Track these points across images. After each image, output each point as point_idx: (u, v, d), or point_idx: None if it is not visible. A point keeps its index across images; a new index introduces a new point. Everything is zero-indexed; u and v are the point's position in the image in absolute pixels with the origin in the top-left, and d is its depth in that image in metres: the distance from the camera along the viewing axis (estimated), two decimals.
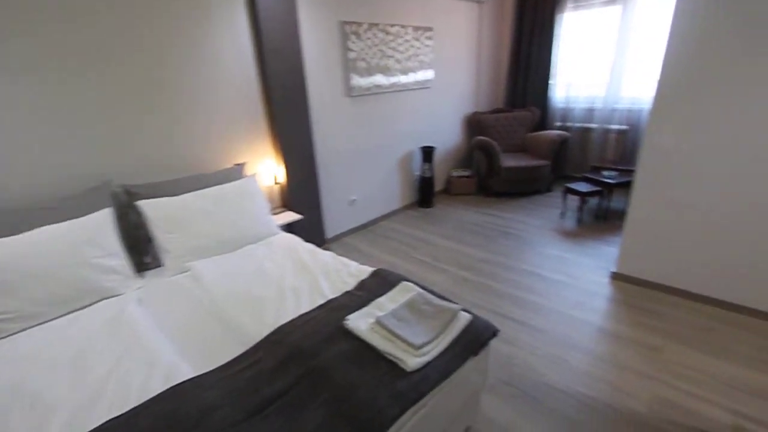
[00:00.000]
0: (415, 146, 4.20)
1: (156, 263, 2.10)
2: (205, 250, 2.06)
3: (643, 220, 2.51)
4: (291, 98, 2.85)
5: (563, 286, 2.69)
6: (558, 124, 4.86)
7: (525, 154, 4.61)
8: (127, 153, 2.21)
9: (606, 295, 2.56)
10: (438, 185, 4.71)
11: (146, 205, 2.05)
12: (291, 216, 2.94)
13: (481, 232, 3.63)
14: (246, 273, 1.89)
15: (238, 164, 2.65)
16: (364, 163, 3.70)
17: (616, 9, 4.16)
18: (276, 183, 2.96)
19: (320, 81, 3.11)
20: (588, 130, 4.64)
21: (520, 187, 4.46)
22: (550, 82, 4.74)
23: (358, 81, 3.36)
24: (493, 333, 1.43)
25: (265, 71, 2.68)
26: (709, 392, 1.77)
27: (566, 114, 4.77)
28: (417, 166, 4.31)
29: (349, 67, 3.26)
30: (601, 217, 3.74)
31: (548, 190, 4.57)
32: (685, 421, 1.64)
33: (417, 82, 3.94)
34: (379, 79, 3.54)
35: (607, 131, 4.48)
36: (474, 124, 4.79)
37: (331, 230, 3.55)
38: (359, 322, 1.38)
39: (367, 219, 3.89)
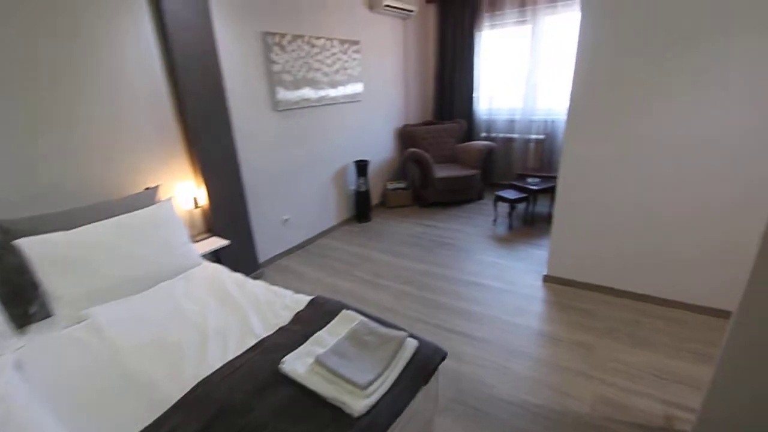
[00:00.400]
0: (349, 160, 4.11)
1: (44, 314, 1.74)
2: (107, 293, 1.74)
3: (567, 224, 2.66)
4: (210, 113, 2.60)
5: (502, 292, 2.74)
6: (483, 134, 5.10)
7: (456, 164, 4.75)
8: (7, 181, 1.82)
9: (541, 298, 2.66)
10: (374, 198, 4.66)
11: (28, 244, 1.69)
12: (216, 242, 2.66)
13: (419, 244, 3.62)
14: (159, 316, 1.62)
15: (150, 188, 2.34)
16: (297, 180, 3.51)
17: (526, 28, 4.49)
18: (197, 206, 2.66)
19: (243, 95, 2.90)
20: (510, 139, 4.93)
21: (453, 197, 4.57)
22: (473, 95, 4.97)
23: (284, 95, 3.20)
24: (442, 357, 1.36)
25: (178, 85, 2.41)
26: (640, 385, 1.87)
27: (490, 125, 5.02)
28: (352, 180, 4.22)
29: (274, 80, 3.09)
30: (529, 222, 3.95)
31: (479, 197, 4.74)
32: (623, 417, 1.71)
33: (346, 96, 3.87)
34: (307, 92, 3.41)
35: (527, 140, 4.80)
36: (406, 137, 4.84)
37: (264, 253, 3.30)
38: (297, 363, 1.23)
39: (303, 238, 3.69)
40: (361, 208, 4.21)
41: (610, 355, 2.08)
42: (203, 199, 2.70)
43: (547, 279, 2.84)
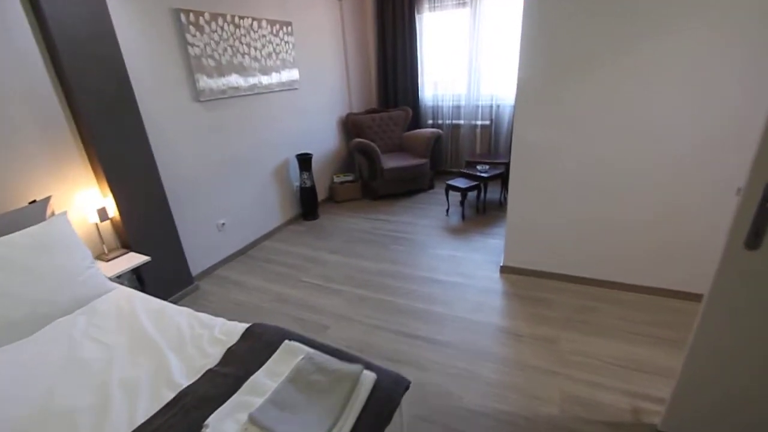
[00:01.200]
0: (289, 154, 3.78)
1: None
2: None
3: (520, 213, 2.58)
4: (112, 108, 2.16)
5: (460, 288, 2.63)
6: (430, 122, 4.97)
7: (404, 153, 4.58)
8: None
9: (500, 291, 2.58)
10: (322, 194, 4.37)
11: None
12: (134, 259, 2.26)
13: (372, 240, 3.42)
14: (48, 371, 1.27)
15: (37, 201, 1.90)
16: (231, 179, 3.13)
17: (465, 11, 4.37)
18: (104, 219, 2.23)
19: (154, 85, 2.47)
20: (457, 126, 4.85)
21: (403, 187, 4.41)
22: (418, 81, 4.80)
23: (207, 83, 2.79)
24: (406, 387, 1.17)
25: (64, 75, 1.96)
26: (604, 378, 1.83)
27: (436, 111, 4.89)
28: (295, 176, 3.89)
29: (193, 66, 2.67)
30: (481, 210, 3.89)
31: (430, 186, 4.62)
32: (593, 416, 1.64)
33: (281, 83, 3.51)
34: (235, 80, 3.02)
35: (474, 126, 4.74)
36: (350, 126, 4.57)
37: (199, 264, 2.92)
38: (226, 425, 0.97)
39: (244, 242, 3.33)
40: (308, 205, 3.91)
41: (573, 347, 2.02)
42: (113, 210, 2.27)
43: (504, 270, 2.77)
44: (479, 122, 4.68)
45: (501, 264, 2.79)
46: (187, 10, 2.59)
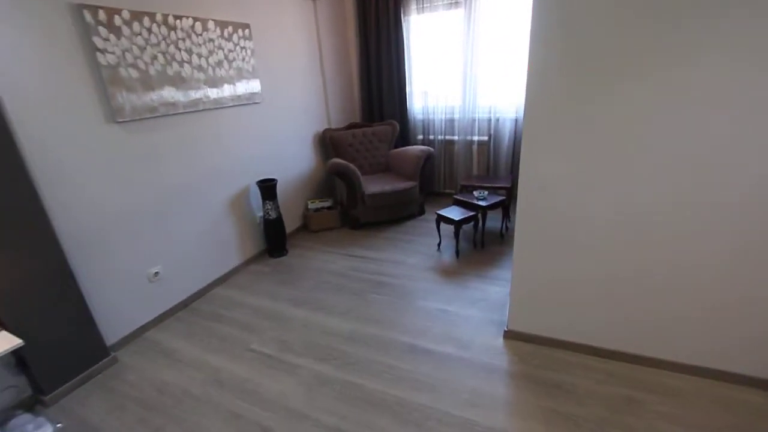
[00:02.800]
0: (250, 181, 3.17)
1: None
2: None
3: (530, 263, 1.97)
4: None
5: (453, 364, 2.01)
6: (420, 137, 4.39)
7: (390, 174, 3.98)
8: None
9: (504, 370, 1.95)
10: (294, 222, 3.76)
11: None
12: (4, 343, 1.64)
13: (347, 287, 2.80)
14: None
15: None
16: (169, 216, 2.52)
17: (458, 12, 3.81)
18: None
19: (45, 103, 1.86)
20: (451, 142, 4.26)
21: (389, 215, 3.80)
22: (406, 91, 4.22)
23: (128, 99, 2.19)
24: None
25: None
26: None
27: (427, 126, 4.31)
28: (258, 205, 3.29)
29: (105, 78, 2.07)
30: (479, 244, 3.28)
31: (420, 212, 4.02)
32: None
33: (236, 97, 2.92)
34: (170, 94, 2.42)
35: (470, 143, 4.15)
36: (328, 144, 3.98)
37: (120, 327, 2.29)
38: None
39: (186, 293, 2.71)
40: (273, 240, 3.30)
41: None
42: None
43: (509, 335, 2.15)
44: (476, 138, 4.09)
45: (505, 327, 2.17)
46: (94, 6, 1.99)
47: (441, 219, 3.16)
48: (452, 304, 2.51)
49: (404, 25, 4.02)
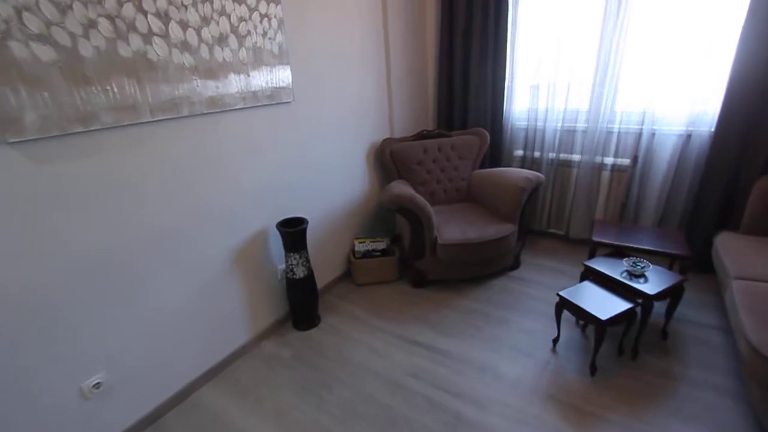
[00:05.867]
0: (267, 222, 2.12)
1: None
2: None
3: None
4: None
5: None
6: (519, 153, 3.07)
7: (473, 208, 2.73)
8: None
9: None
10: (334, 268, 2.68)
11: None
12: None
13: (400, 416, 1.66)
14: None
15: None
16: (123, 290, 1.54)
17: None
18: None
19: None
20: (567, 163, 2.89)
21: (470, 271, 2.58)
22: (505, 87, 2.92)
23: (37, 102, 1.20)
24: None
25: None
26: None
27: (531, 138, 2.98)
28: (279, 255, 2.24)
29: None
30: (629, 350, 1.95)
31: (515, 266, 2.75)
32: None
33: (252, 95, 1.86)
34: (128, 91, 1.41)
35: (598, 167, 2.76)
36: (388, 160, 2.83)
37: None
38: None
39: (150, 405, 1.74)
40: (299, 307, 2.24)
41: None
42: None
43: None
44: (610, 160, 2.70)
45: None
46: None
47: (566, 306, 1.89)
48: None
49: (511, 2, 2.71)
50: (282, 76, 1.98)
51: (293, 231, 2.02)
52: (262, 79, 1.89)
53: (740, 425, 1.54)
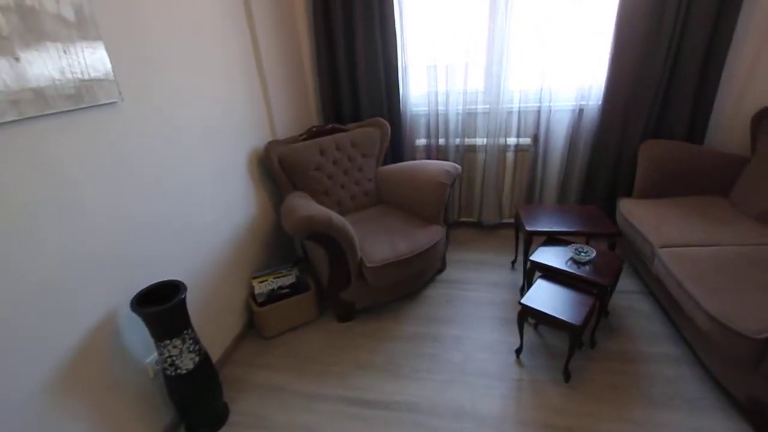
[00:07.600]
0: (116, 300, 1.31)
1: None
2: None
3: None
4: None
5: None
6: (422, 142, 2.77)
7: (391, 212, 2.32)
8: None
9: None
10: (231, 327, 1.96)
11: None
12: None
13: None
14: None
15: None
16: None
17: None
18: None
19: None
20: (472, 148, 2.73)
21: (401, 290, 2.20)
22: (397, 64, 2.55)
23: None
24: None
25: None
26: None
27: (432, 123, 2.70)
28: (146, 346, 1.44)
29: None
30: (588, 343, 1.86)
31: (442, 267, 2.48)
32: None
33: (34, 95, 1.02)
34: None
35: (502, 149, 2.66)
36: (276, 170, 2.18)
37: None
38: None
39: None
40: (195, 407, 1.50)
41: None
42: None
43: None
44: (513, 140, 2.62)
45: None
46: None
47: (529, 314, 1.66)
48: None
49: None
50: (91, 60, 1.17)
51: (165, 309, 1.27)
52: (50, 65, 1.06)
53: (709, 395, 1.55)
